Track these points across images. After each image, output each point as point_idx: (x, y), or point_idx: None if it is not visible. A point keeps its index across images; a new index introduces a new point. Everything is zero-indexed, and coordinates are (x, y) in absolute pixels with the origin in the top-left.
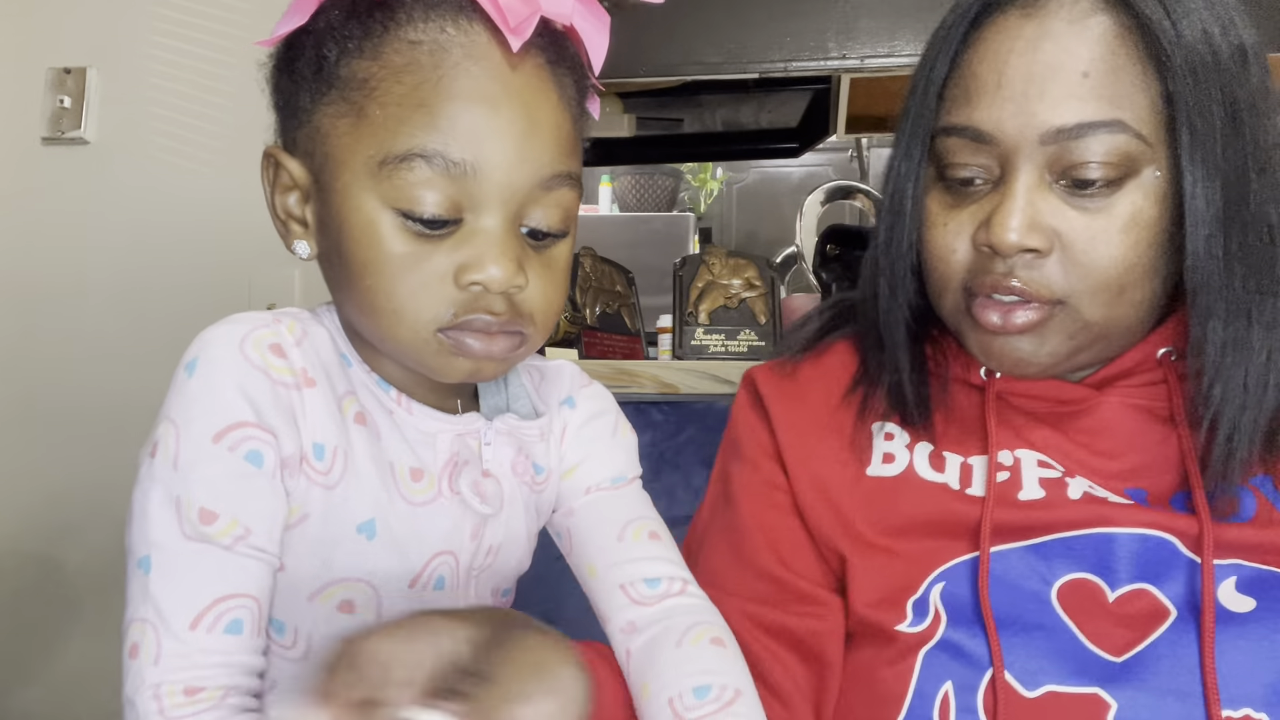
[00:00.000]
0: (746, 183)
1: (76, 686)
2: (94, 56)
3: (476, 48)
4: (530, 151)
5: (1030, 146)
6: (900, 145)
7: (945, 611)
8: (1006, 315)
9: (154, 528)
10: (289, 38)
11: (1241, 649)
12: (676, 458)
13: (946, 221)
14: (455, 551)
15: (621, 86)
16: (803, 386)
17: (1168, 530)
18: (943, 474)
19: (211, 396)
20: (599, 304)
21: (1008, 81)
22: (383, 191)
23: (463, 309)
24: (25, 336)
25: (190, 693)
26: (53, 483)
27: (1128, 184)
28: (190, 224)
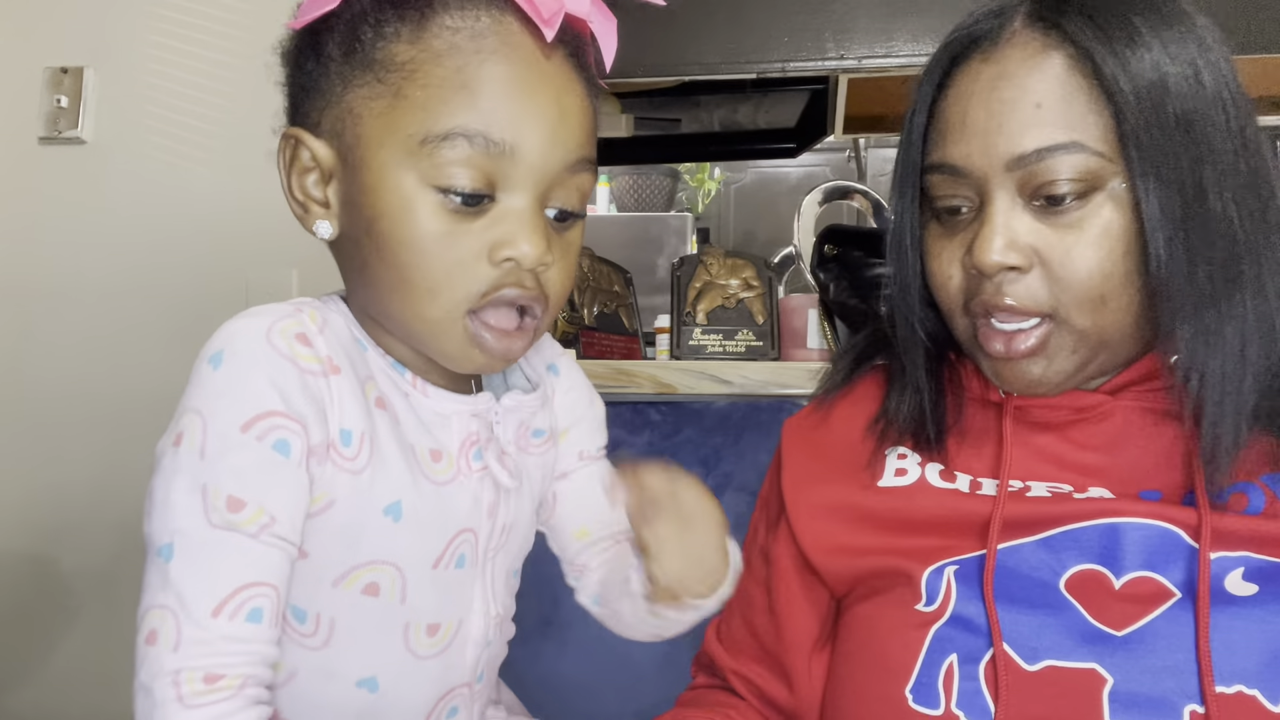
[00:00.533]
0: (744, 183)
1: (73, 687)
2: (91, 56)
3: (512, 36)
4: (561, 136)
5: (998, 174)
6: (898, 186)
7: (957, 589)
8: (1009, 343)
9: (178, 515)
10: (314, 22)
11: (1237, 629)
12: (674, 458)
13: (941, 251)
14: (475, 529)
15: (619, 86)
16: (829, 430)
17: (1172, 521)
18: (953, 483)
19: (240, 387)
20: (597, 304)
21: (971, 120)
22: (422, 169)
23: (493, 286)
24: (22, 336)
25: (210, 680)
26: (49, 482)
27: (1095, 198)
28: (188, 223)
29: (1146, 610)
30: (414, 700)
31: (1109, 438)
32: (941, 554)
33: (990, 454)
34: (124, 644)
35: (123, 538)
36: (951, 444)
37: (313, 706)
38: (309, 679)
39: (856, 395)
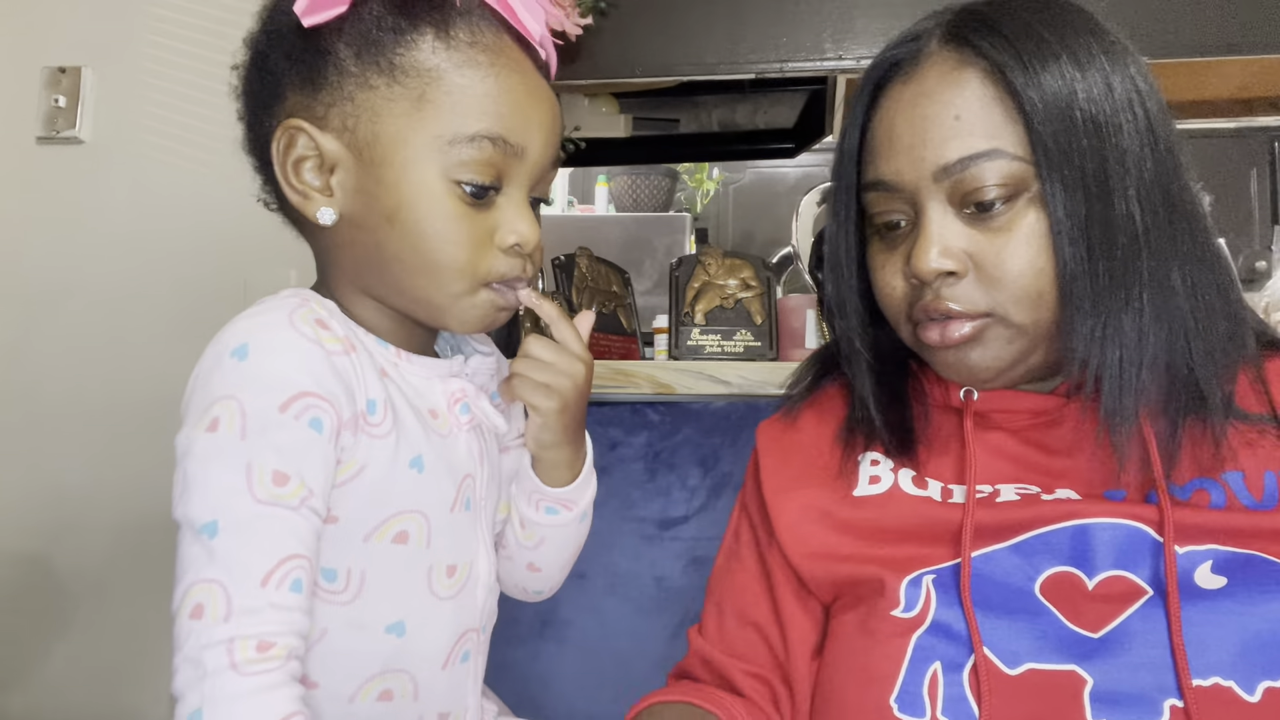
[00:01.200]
0: (743, 183)
1: (68, 687)
2: (89, 56)
3: (512, 53)
4: (554, 139)
5: (927, 185)
6: (834, 205)
7: (936, 595)
8: (944, 331)
9: (221, 494)
10: (320, 26)
11: (1211, 622)
12: (672, 458)
13: (884, 264)
14: (474, 475)
15: (618, 87)
16: (800, 433)
17: (1138, 519)
18: (925, 490)
19: (273, 371)
20: (595, 304)
21: (897, 137)
22: (445, 165)
23: (507, 269)
24: (19, 336)
25: (263, 648)
26: (46, 483)
27: (1020, 201)
28: (186, 223)
29: (1119, 610)
30: (435, 642)
31: (1069, 440)
32: (918, 563)
33: (956, 459)
34: (120, 644)
35: (119, 538)
36: (921, 450)
37: (344, 658)
38: (340, 634)
39: (823, 402)
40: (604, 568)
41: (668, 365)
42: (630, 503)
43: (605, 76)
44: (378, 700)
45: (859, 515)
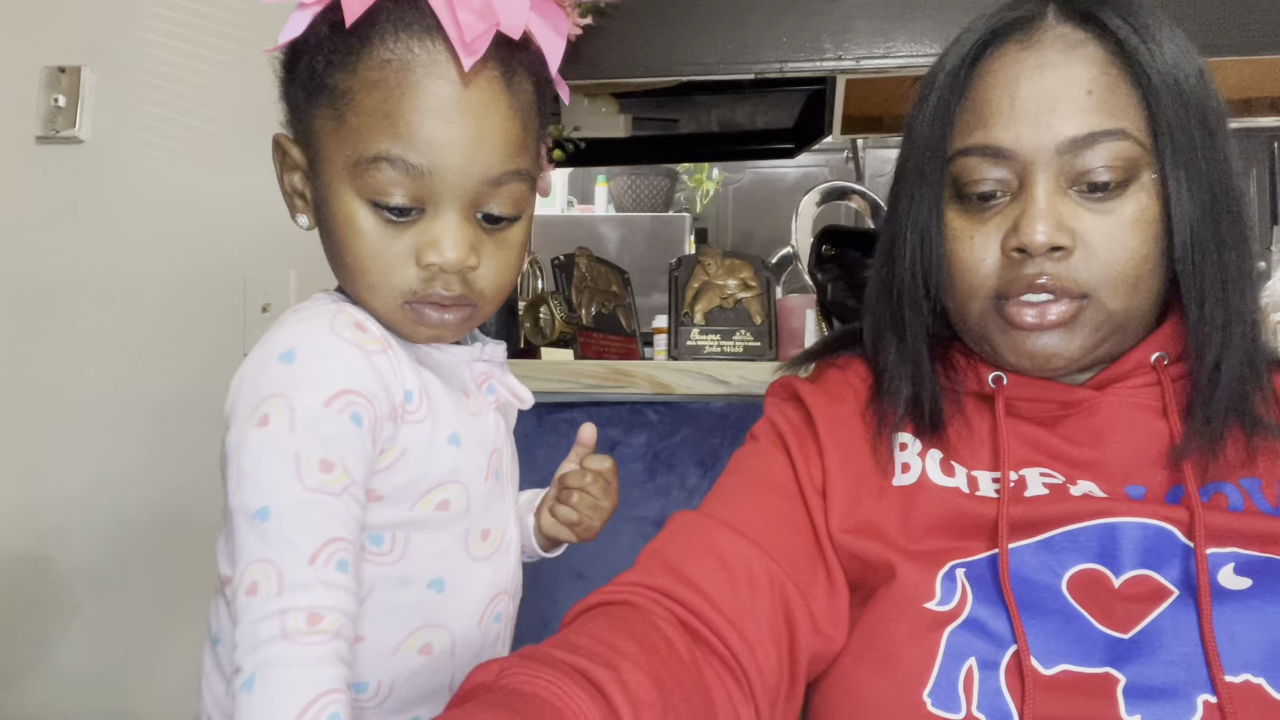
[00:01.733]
0: (742, 183)
1: (69, 687)
2: (89, 55)
3: (437, 65)
4: (479, 156)
5: (1047, 156)
6: (916, 173)
7: (971, 589)
8: (1042, 312)
9: (273, 482)
10: (291, 44)
11: (1239, 620)
12: (672, 458)
13: (972, 235)
14: (500, 449)
15: (617, 87)
16: (835, 390)
17: (1165, 520)
18: (953, 479)
19: (319, 372)
20: (595, 304)
21: (1020, 102)
22: (358, 186)
23: (423, 286)
24: (19, 335)
25: (313, 620)
26: (47, 482)
27: (1131, 186)
28: (185, 223)
29: (1148, 610)
30: (471, 599)
31: (1095, 432)
32: (949, 555)
33: (982, 446)
34: (121, 643)
35: (120, 538)
36: (952, 434)
37: (390, 611)
38: (386, 589)
39: (848, 376)
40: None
41: (667, 365)
42: (630, 503)
43: (605, 76)
44: (418, 654)
45: (893, 506)
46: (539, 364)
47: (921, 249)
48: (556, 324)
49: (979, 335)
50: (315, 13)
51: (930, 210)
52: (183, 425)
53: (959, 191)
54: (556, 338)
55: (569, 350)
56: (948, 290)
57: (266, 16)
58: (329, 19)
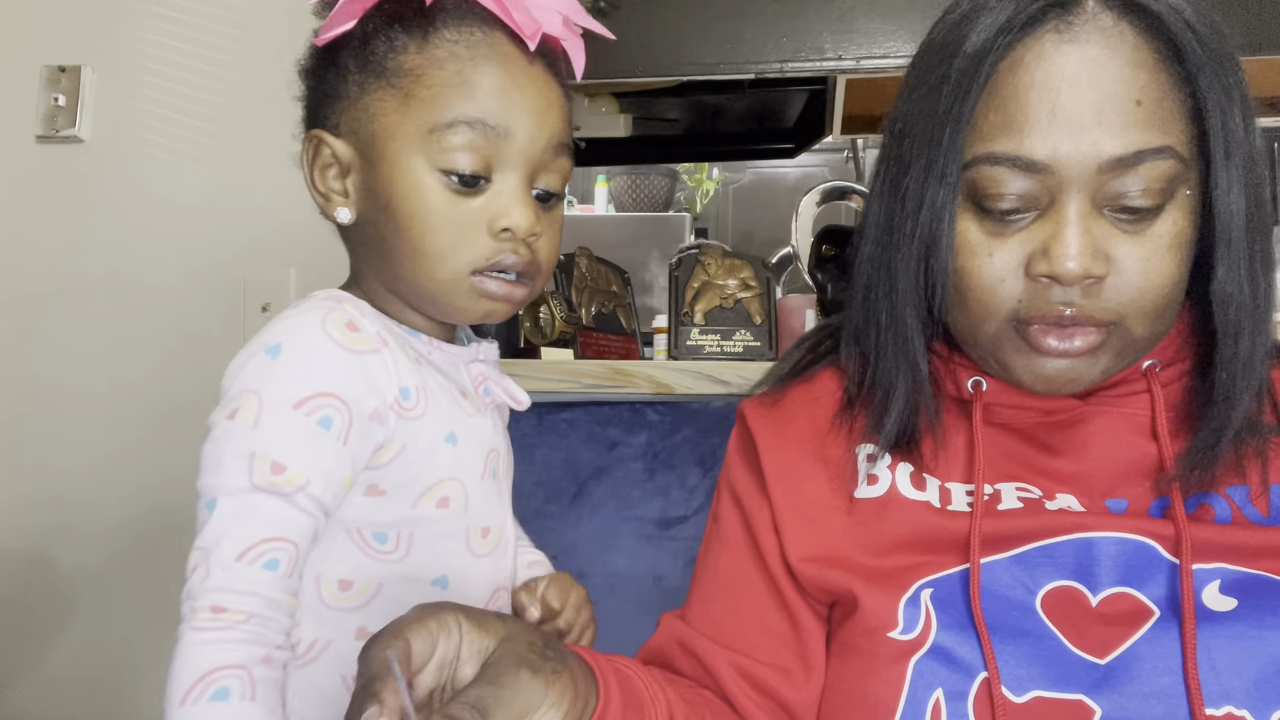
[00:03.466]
0: (742, 183)
1: (69, 686)
2: (89, 55)
3: (500, 46)
4: (547, 121)
5: (1086, 175)
6: (927, 171)
7: (936, 615)
8: (1068, 339)
9: (226, 476)
10: (333, 40)
11: (1223, 647)
12: (672, 458)
13: (991, 252)
14: (498, 449)
15: (618, 86)
16: (790, 412)
17: (1147, 534)
18: (924, 492)
19: (296, 371)
20: (595, 304)
21: (1063, 111)
22: (429, 154)
23: (494, 253)
24: (19, 335)
25: (216, 611)
26: (47, 482)
27: (1168, 205)
28: (185, 222)
29: (1127, 633)
30: (472, 596)
31: (1077, 444)
32: (915, 573)
33: (957, 455)
34: (121, 643)
35: (120, 537)
36: (925, 443)
37: (399, 608)
38: (393, 587)
39: (813, 392)
40: (603, 567)
41: (667, 365)
42: (629, 502)
43: (605, 76)
44: None
45: (857, 521)
46: (539, 364)
47: (931, 258)
48: (556, 324)
49: (988, 353)
50: (367, 5)
51: (943, 217)
52: (183, 425)
53: (977, 201)
54: (556, 337)
55: (569, 350)
56: (956, 305)
57: (267, 17)
58: (382, 10)
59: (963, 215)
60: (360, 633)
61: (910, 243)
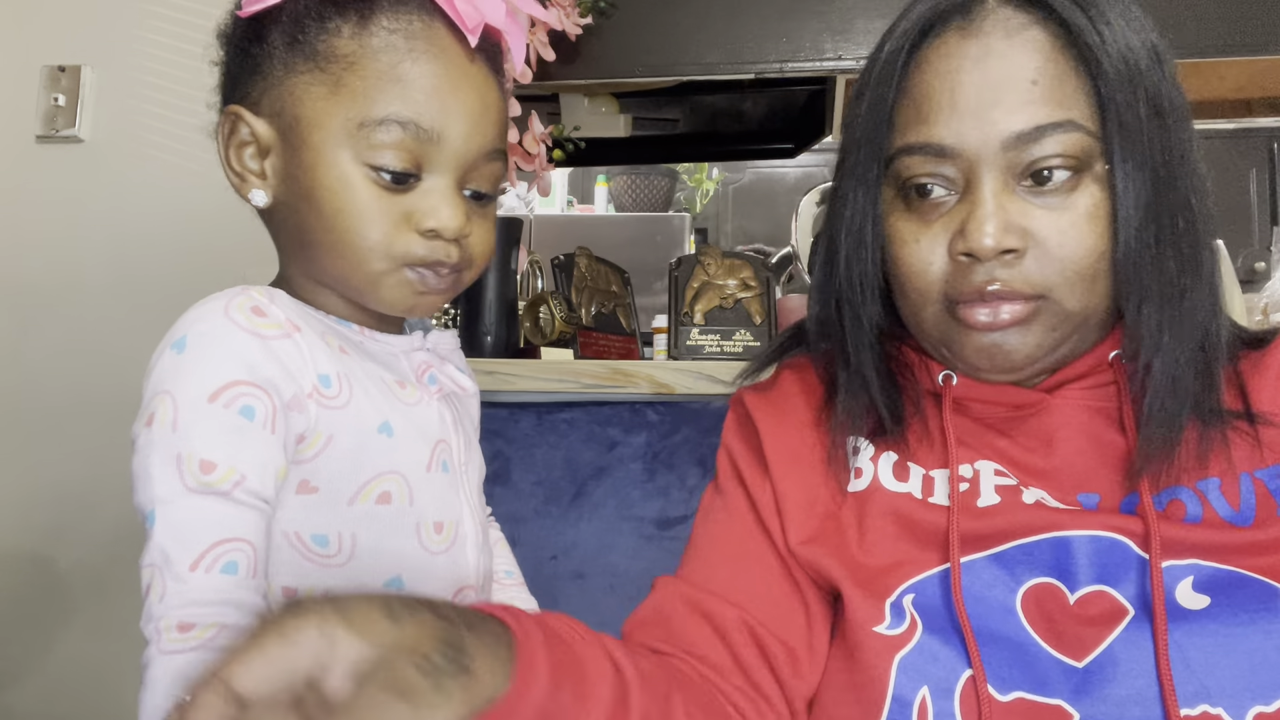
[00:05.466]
0: (742, 183)
1: (71, 686)
2: (89, 54)
3: (441, 39)
4: (481, 128)
5: (992, 154)
6: (853, 173)
7: (920, 614)
8: (995, 311)
9: (157, 485)
10: (260, 11)
11: (1197, 645)
12: (671, 458)
13: (918, 238)
14: (448, 440)
15: (617, 87)
16: (788, 400)
17: (1119, 531)
18: (906, 483)
19: (205, 363)
20: (594, 304)
21: (962, 97)
22: (357, 149)
23: (426, 251)
24: (19, 335)
25: (183, 629)
26: (47, 481)
27: (1084, 179)
28: (185, 222)
29: (1103, 633)
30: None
31: (1047, 437)
32: (897, 574)
33: (937, 446)
34: (121, 642)
35: (120, 536)
36: (909, 433)
37: None
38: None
39: (806, 380)
40: (603, 568)
41: (667, 365)
42: (629, 502)
43: (605, 76)
44: None
45: (847, 514)
46: (539, 364)
47: (858, 253)
48: (556, 324)
49: (936, 340)
50: None
51: (867, 212)
52: None
53: (902, 192)
54: (556, 337)
55: (569, 350)
56: (900, 295)
57: None
58: None
59: (894, 209)
60: None
61: (843, 243)
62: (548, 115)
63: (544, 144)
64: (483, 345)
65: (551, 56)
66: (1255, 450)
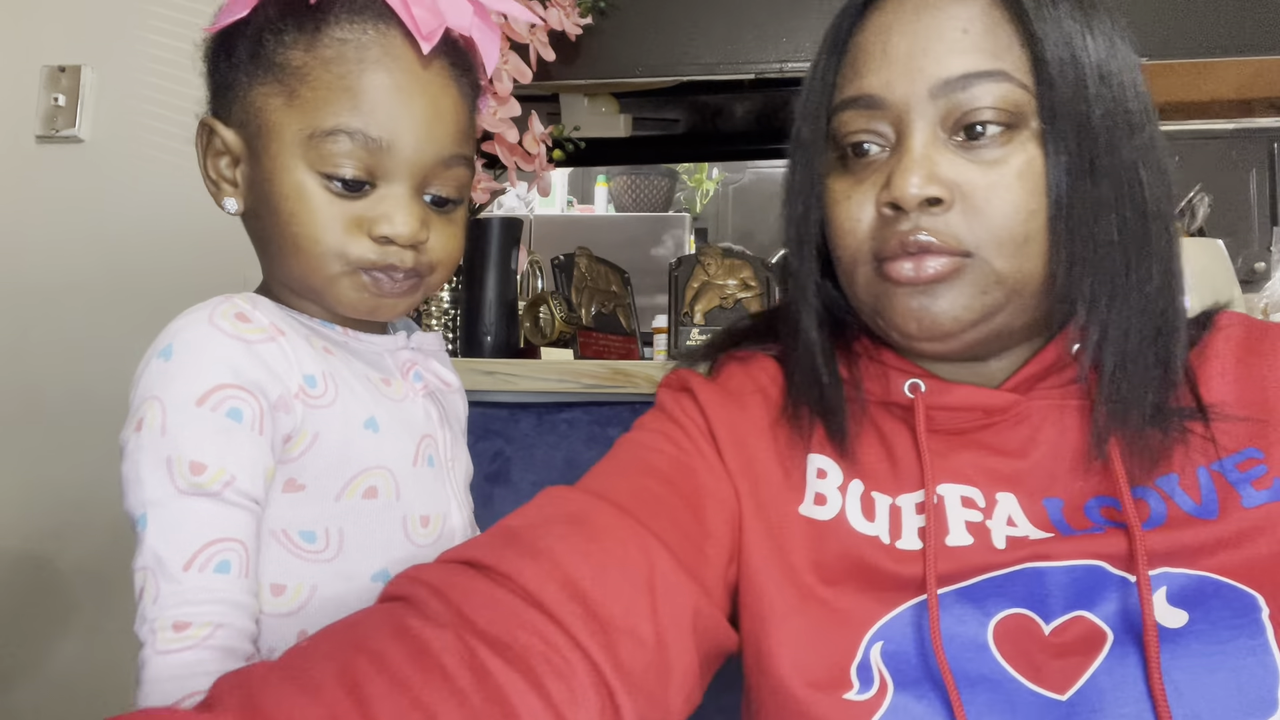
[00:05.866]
0: (742, 183)
1: (71, 686)
2: (89, 54)
3: (393, 48)
4: (434, 135)
5: (921, 103)
6: (798, 139)
7: (890, 674)
8: (919, 264)
9: (148, 488)
10: (227, 27)
11: (1182, 668)
12: None
13: (849, 194)
14: (434, 435)
15: (618, 87)
16: (736, 393)
17: (1094, 556)
18: (873, 523)
19: (192, 368)
20: (595, 304)
21: (893, 47)
22: (310, 159)
23: (379, 257)
24: (19, 335)
25: (179, 628)
26: (47, 482)
27: (1018, 136)
28: (185, 222)
29: (1084, 663)
30: None
31: (1021, 441)
32: (863, 619)
33: (901, 467)
34: (120, 642)
35: (119, 537)
36: (865, 451)
37: (336, 608)
38: (330, 586)
39: (757, 380)
40: None
41: (667, 365)
42: None
43: (605, 76)
44: None
45: (803, 541)
46: (539, 364)
47: (805, 219)
48: (556, 324)
49: (870, 308)
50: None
51: (810, 175)
52: None
53: (840, 154)
54: (556, 338)
55: (569, 350)
56: (836, 262)
57: None
58: (277, 2)
59: (832, 170)
60: (301, 636)
61: (794, 207)
62: (548, 115)
63: (544, 144)
64: (483, 345)
65: (551, 56)
66: (1209, 443)
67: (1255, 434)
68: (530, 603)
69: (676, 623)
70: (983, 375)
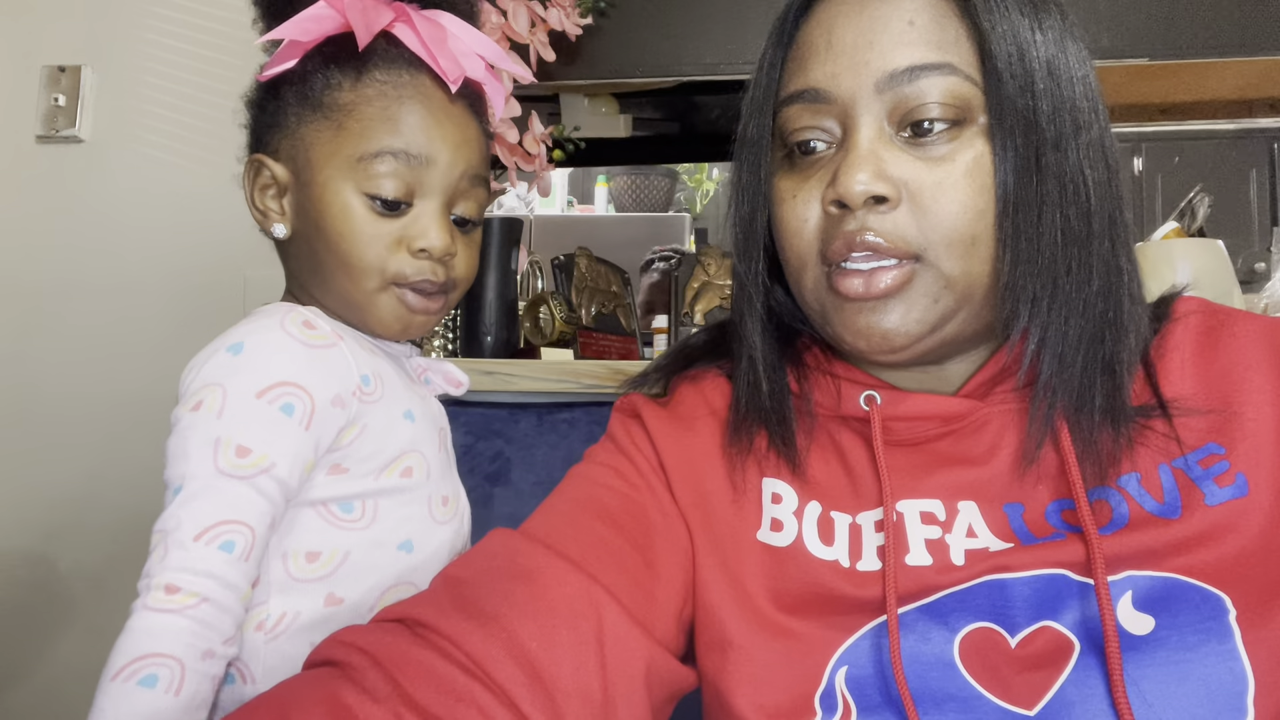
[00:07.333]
0: None
1: (70, 686)
2: (89, 55)
3: (424, 87)
4: (463, 154)
5: (867, 96)
6: (744, 138)
7: (854, 699)
8: (869, 280)
9: (192, 462)
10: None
11: (1150, 676)
12: None
13: (795, 193)
14: (445, 429)
15: (618, 87)
16: (687, 418)
17: (1055, 565)
18: (832, 547)
19: (260, 364)
20: (595, 304)
21: (838, 40)
22: (357, 179)
23: (415, 271)
24: (19, 335)
25: (170, 591)
26: (47, 481)
27: (966, 131)
28: (185, 222)
29: (1051, 676)
30: (437, 559)
31: (983, 449)
32: (826, 646)
33: (858, 483)
34: None
35: (119, 536)
36: (817, 467)
37: (366, 573)
38: (361, 552)
39: (709, 397)
40: None
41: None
42: None
43: (605, 76)
44: None
45: (762, 572)
46: (539, 364)
47: (752, 221)
48: (556, 324)
49: (819, 316)
50: (307, 47)
51: (757, 175)
52: None
53: (786, 151)
54: (556, 338)
55: (569, 350)
56: (784, 264)
57: None
58: (321, 51)
59: (779, 169)
60: (329, 599)
61: (740, 208)
62: (548, 115)
63: (544, 144)
64: (483, 345)
65: (551, 56)
66: (1170, 440)
67: (1216, 428)
68: (472, 673)
69: (627, 677)
70: (941, 379)
